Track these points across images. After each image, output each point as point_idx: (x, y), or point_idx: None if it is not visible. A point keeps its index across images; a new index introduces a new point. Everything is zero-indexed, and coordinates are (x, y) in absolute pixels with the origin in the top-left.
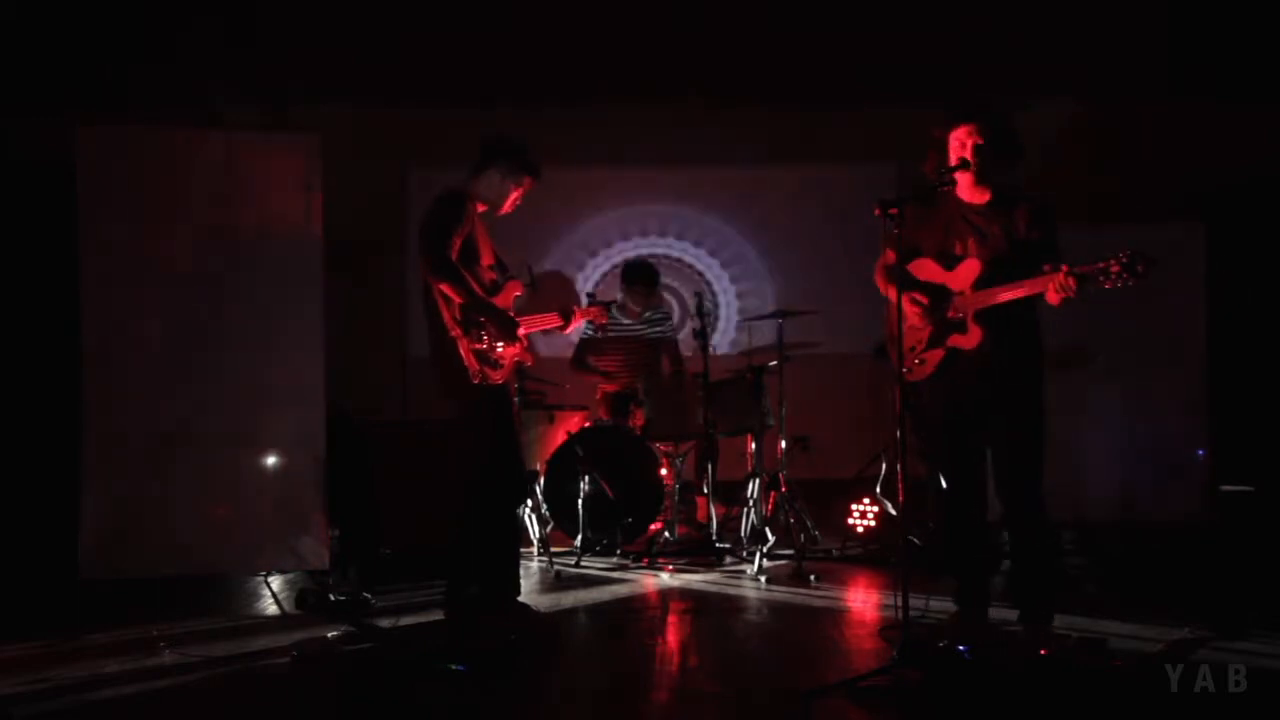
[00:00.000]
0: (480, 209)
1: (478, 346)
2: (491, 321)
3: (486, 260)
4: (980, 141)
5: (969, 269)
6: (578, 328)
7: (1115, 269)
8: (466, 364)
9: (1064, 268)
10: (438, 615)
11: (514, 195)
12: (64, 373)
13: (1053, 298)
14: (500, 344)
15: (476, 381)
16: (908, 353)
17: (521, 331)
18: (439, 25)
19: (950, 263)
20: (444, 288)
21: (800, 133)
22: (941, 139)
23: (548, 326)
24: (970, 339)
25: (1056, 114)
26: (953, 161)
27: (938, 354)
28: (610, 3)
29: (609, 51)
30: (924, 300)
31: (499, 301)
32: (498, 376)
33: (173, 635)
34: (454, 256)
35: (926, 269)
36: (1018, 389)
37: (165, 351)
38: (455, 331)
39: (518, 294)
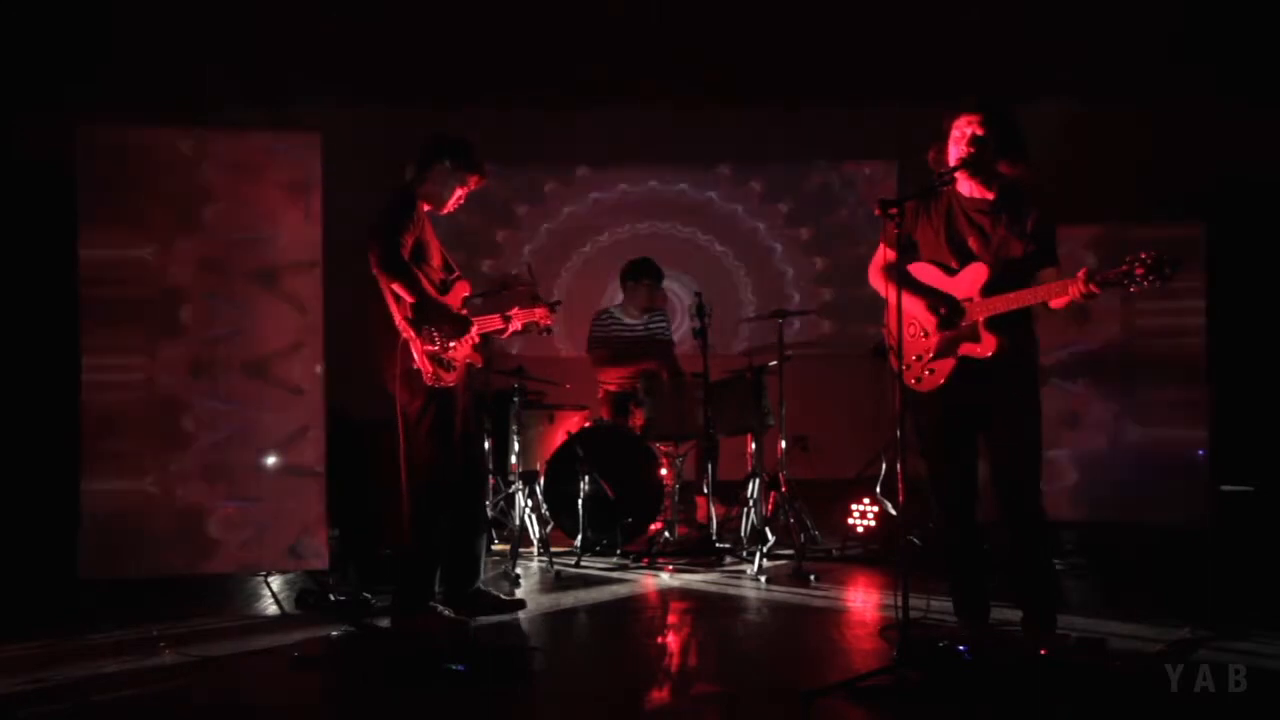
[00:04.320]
0: (426, 208)
1: (430, 348)
2: (445, 322)
3: (435, 260)
4: (979, 132)
5: (975, 273)
6: (516, 330)
7: (1140, 272)
8: (420, 366)
9: (1081, 274)
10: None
11: (458, 194)
12: (63, 372)
13: (1062, 301)
14: (453, 344)
15: (430, 384)
16: (914, 362)
17: (475, 332)
18: (439, 25)
19: (952, 267)
20: (396, 287)
21: (800, 133)
22: (947, 129)
23: (489, 329)
24: (985, 347)
25: (1056, 114)
26: (951, 152)
27: (949, 364)
28: (610, 2)
29: (609, 51)
30: (943, 311)
31: (448, 301)
32: (450, 378)
33: (173, 635)
34: (406, 256)
35: (926, 273)
36: (1017, 390)
37: (164, 351)
38: (408, 333)
39: (466, 294)
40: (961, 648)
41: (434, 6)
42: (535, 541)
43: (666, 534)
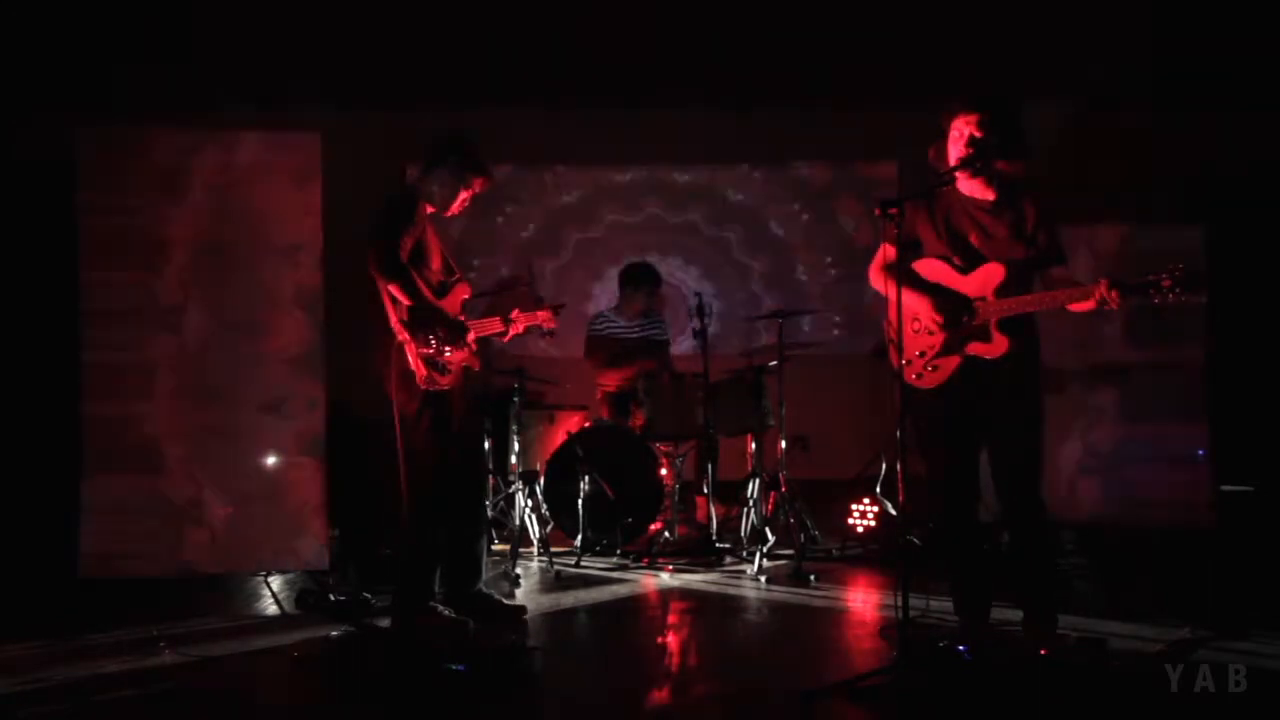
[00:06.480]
0: (429, 210)
1: (425, 351)
2: (441, 326)
3: (435, 263)
4: (979, 134)
5: (991, 274)
6: (518, 333)
7: (1167, 284)
8: (414, 369)
9: (1104, 281)
10: None
11: (463, 196)
12: (64, 372)
13: (1083, 307)
14: (448, 349)
15: (424, 387)
16: (916, 358)
17: (471, 336)
18: (439, 25)
19: (965, 264)
20: (393, 289)
21: (800, 133)
22: (947, 128)
23: (490, 332)
24: (995, 348)
25: (1056, 114)
26: (950, 151)
27: (953, 361)
28: (609, 3)
29: (609, 52)
30: (948, 313)
31: (447, 304)
32: (445, 382)
33: (173, 635)
34: (404, 258)
35: (934, 269)
36: (1021, 390)
37: (165, 351)
38: (403, 335)
39: (465, 297)
40: (961, 648)
41: (434, 6)
42: (535, 541)
43: (666, 534)
